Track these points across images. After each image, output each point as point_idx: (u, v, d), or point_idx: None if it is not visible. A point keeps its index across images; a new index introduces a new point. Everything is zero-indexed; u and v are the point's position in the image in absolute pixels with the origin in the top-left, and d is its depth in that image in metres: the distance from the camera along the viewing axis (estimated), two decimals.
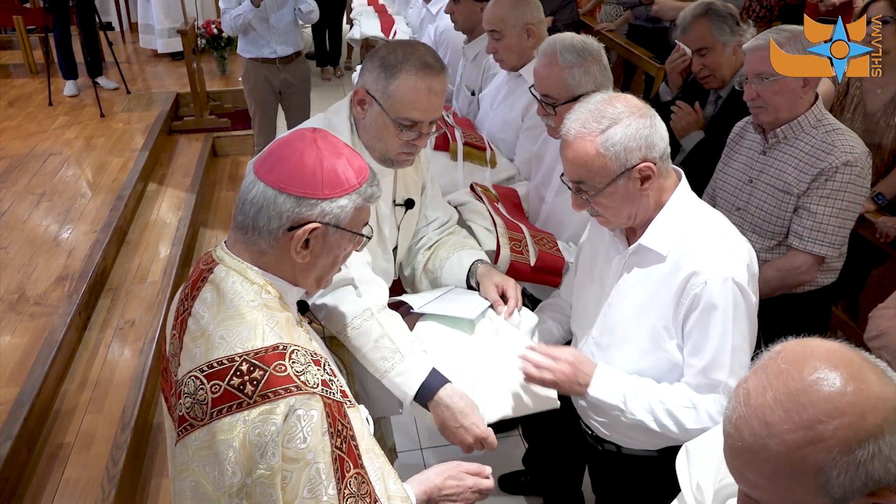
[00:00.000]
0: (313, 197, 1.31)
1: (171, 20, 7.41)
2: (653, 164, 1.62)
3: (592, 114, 1.62)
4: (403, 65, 1.79)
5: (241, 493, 1.24)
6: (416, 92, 1.79)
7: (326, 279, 1.46)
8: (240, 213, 1.35)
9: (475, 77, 3.50)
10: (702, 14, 2.84)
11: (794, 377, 0.89)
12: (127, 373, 3.36)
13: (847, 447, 0.85)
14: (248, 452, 1.22)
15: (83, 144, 5.67)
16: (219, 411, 1.24)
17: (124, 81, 6.75)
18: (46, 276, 3.89)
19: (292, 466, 1.24)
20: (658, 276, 1.69)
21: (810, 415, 0.87)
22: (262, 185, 1.32)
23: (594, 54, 2.21)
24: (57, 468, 2.87)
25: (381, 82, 1.81)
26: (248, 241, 1.35)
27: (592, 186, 1.64)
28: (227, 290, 1.32)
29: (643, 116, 1.61)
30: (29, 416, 2.93)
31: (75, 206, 4.68)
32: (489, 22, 2.93)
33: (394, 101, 1.80)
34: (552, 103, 2.23)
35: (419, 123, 1.83)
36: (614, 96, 1.66)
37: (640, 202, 1.66)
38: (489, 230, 2.28)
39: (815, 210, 2.27)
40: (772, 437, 0.88)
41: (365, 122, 1.88)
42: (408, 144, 1.87)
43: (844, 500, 0.88)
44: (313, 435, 1.25)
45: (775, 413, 0.89)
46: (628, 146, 1.58)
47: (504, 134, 2.98)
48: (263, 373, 1.24)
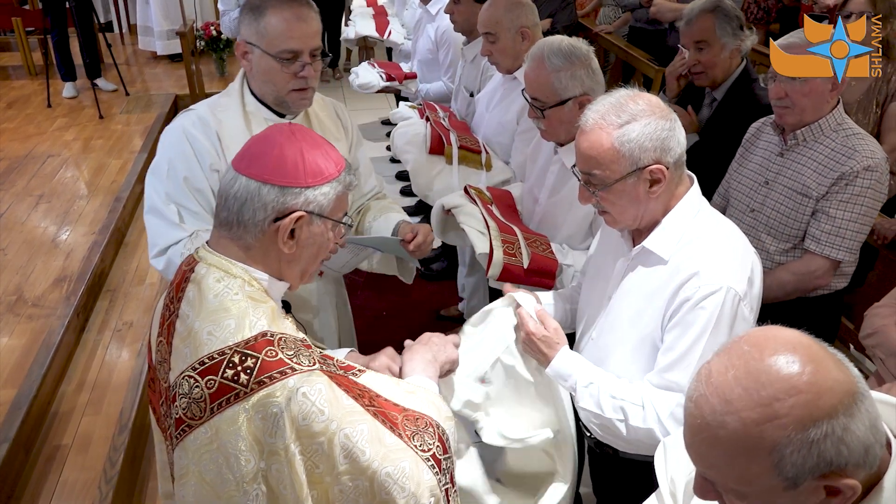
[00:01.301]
0: (297, 186, 1.33)
1: (170, 22, 7.42)
2: (665, 168, 1.60)
3: (614, 107, 1.60)
4: (268, 2, 1.90)
5: (255, 478, 1.25)
6: (287, 22, 1.90)
7: (310, 272, 1.46)
8: (223, 210, 1.36)
9: (474, 78, 3.51)
10: (710, 9, 2.84)
11: (756, 358, 0.93)
12: (125, 374, 3.36)
13: (802, 425, 0.88)
14: (256, 438, 1.24)
15: (82, 146, 5.68)
16: (218, 405, 1.25)
17: (123, 83, 6.76)
18: (45, 278, 3.89)
19: (318, 441, 1.25)
20: (657, 281, 1.68)
21: (768, 393, 0.90)
22: (245, 178, 1.33)
23: (582, 58, 2.22)
24: (54, 470, 2.87)
25: (252, 25, 1.92)
26: (233, 236, 1.36)
27: (601, 180, 1.63)
28: (209, 286, 1.33)
29: (664, 118, 1.60)
30: (26, 418, 2.94)
31: (74, 207, 4.68)
32: (484, 24, 2.94)
33: (269, 38, 1.91)
34: (540, 107, 2.25)
35: (299, 53, 1.92)
36: (639, 93, 1.64)
37: (648, 205, 1.65)
38: (482, 233, 2.29)
39: (835, 214, 2.24)
40: (730, 413, 0.91)
41: (253, 72, 1.98)
42: (296, 79, 1.95)
43: (797, 479, 0.90)
44: (330, 405, 1.26)
45: (734, 391, 0.92)
46: (643, 145, 1.57)
47: (500, 137, 2.99)
48: (256, 360, 1.25)
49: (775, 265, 2.41)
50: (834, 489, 0.91)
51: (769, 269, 2.41)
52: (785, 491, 0.92)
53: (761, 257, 2.39)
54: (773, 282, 2.37)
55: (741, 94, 2.84)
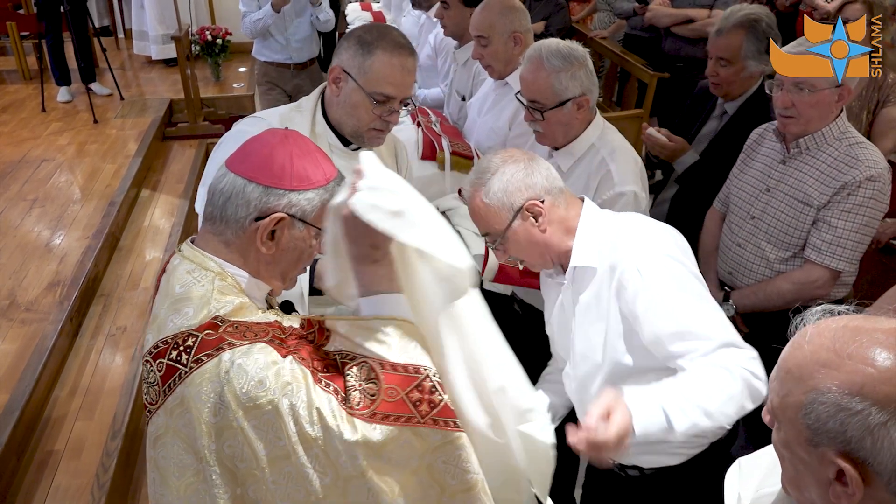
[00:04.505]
0: (281, 188, 1.33)
1: (166, 27, 7.41)
2: (538, 201, 1.72)
3: (476, 172, 1.77)
4: (379, 42, 1.89)
5: (209, 460, 1.23)
6: (391, 68, 1.89)
7: (291, 276, 1.45)
8: (209, 204, 1.37)
9: (465, 82, 3.51)
10: (745, 25, 2.73)
11: (867, 329, 0.94)
12: (118, 380, 3.35)
13: (849, 390, 0.89)
14: (202, 416, 1.22)
15: (76, 150, 5.66)
16: (168, 388, 1.25)
17: (118, 87, 6.75)
18: (38, 283, 3.87)
19: (262, 411, 1.20)
20: (597, 288, 1.74)
21: (849, 350, 0.92)
22: (233, 175, 1.34)
23: (580, 59, 2.23)
24: (47, 475, 2.85)
25: (357, 59, 1.90)
26: (215, 231, 1.36)
27: (496, 234, 1.75)
28: (178, 277, 1.34)
29: (517, 162, 1.74)
30: (19, 423, 2.92)
31: (68, 212, 4.67)
32: (477, 27, 2.94)
33: (369, 77, 1.90)
34: (539, 108, 2.24)
35: (391, 99, 1.93)
36: (495, 153, 1.79)
37: (548, 239, 1.75)
38: (477, 234, 2.28)
39: (836, 224, 2.22)
40: (811, 343, 0.95)
41: (339, 98, 1.97)
42: (380, 120, 1.96)
43: (816, 436, 0.92)
44: (273, 377, 1.20)
45: (830, 334, 0.95)
46: (508, 190, 1.71)
47: (492, 142, 2.99)
48: (196, 339, 1.25)
49: (775, 273, 2.40)
50: (843, 474, 0.91)
51: (769, 278, 2.41)
52: (807, 444, 0.94)
53: (761, 265, 2.44)
54: (772, 291, 2.36)
55: (754, 112, 2.77)
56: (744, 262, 2.47)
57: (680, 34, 4.70)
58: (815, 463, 0.94)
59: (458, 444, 1.27)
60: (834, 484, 0.92)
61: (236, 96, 6.91)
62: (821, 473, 0.94)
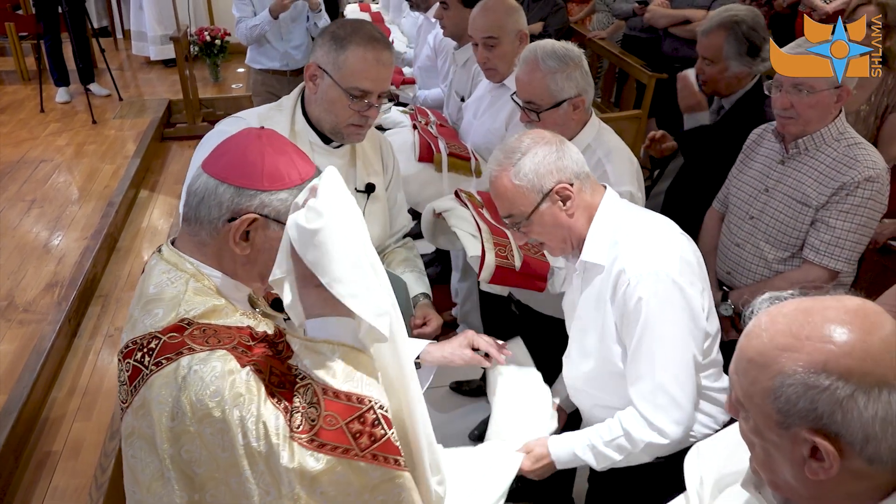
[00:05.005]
0: (252, 188, 1.31)
1: (164, 27, 7.42)
2: (568, 185, 1.71)
3: (504, 152, 1.74)
4: (353, 37, 1.89)
5: (168, 465, 1.21)
6: (366, 62, 1.89)
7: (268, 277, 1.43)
8: (185, 205, 1.36)
9: (465, 83, 3.51)
10: (725, 26, 2.75)
11: (819, 308, 0.97)
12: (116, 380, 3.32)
13: (813, 368, 0.92)
14: (162, 421, 1.20)
15: (74, 151, 5.66)
16: (134, 388, 1.24)
17: (116, 88, 6.75)
18: (36, 283, 3.87)
19: (213, 420, 1.17)
20: (601, 288, 1.75)
21: (805, 332, 0.94)
22: (206, 176, 1.33)
23: (575, 60, 2.24)
24: (45, 476, 2.85)
25: (331, 54, 1.90)
26: (191, 232, 1.35)
27: (521, 216, 1.74)
28: (153, 277, 1.33)
29: (549, 144, 1.72)
30: (17, 424, 2.92)
31: (66, 212, 4.67)
32: (486, 29, 2.88)
33: (344, 72, 1.90)
34: (535, 109, 2.25)
35: (368, 94, 1.92)
36: (524, 133, 1.78)
37: (571, 223, 1.75)
38: (474, 236, 2.28)
39: (834, 224, 2.23)
40: (767, 331, 0.97)
41: (317, 95, 1.97)
42: (358, 116, 1.95)
43: (787, 418, 0.94)
44: (228, 387, 1.18)
45: (784, 318, 0.97)
46: (539, 172, 1.70)
47: (488, 144, 2.97)
48: (158, 342, 1.24)
49: (773, 273, 2.40)
50: (817, 451, 0.93)
51: (767, 278, 2.42)
52: (777, 427, 0.96)
53: (759, 265, 2.45)
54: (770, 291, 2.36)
55: (749, 109, 2.79)
56: (742, 262, 2.48)
57: (678, 35, 4.71)
58: (787, 444, 0.96)
59: (399, 484, 1.20)
60: (809, 461, 0.95)
61: (235, 97, 6.91)
62: (794, 453, 0.96)
